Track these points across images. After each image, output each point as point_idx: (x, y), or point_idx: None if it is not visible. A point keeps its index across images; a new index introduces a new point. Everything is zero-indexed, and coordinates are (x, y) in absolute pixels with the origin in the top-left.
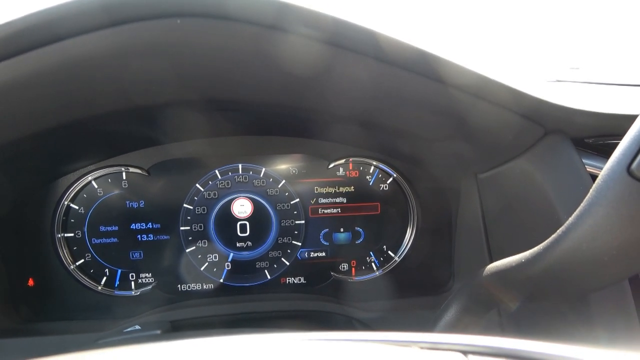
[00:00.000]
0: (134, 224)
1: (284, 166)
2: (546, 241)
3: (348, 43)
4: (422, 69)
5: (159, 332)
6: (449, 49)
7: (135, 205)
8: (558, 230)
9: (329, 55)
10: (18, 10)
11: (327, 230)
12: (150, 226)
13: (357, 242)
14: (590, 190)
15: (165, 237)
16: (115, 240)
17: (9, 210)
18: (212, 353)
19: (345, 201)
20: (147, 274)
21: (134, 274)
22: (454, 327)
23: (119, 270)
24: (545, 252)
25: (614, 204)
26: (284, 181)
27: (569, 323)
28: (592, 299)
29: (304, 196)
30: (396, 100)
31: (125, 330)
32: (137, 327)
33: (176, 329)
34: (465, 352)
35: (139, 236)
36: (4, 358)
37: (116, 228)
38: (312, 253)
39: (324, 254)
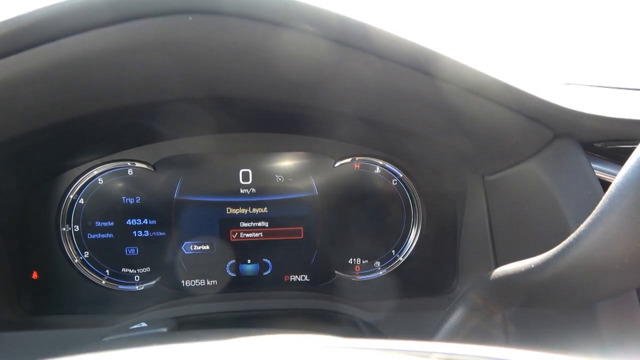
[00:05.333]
0: (135, 219)
1: (289, 163)
2: (556, 247)
3: (353, 40)
4: (428, 68)
5: (165, 330)
6: (457, 49)
7: (139, 200)
8: (569, 237)
9: (333, 52)
10: (25, 6)
11: (330, 228)
12: (154, 222)
13: (361, 241)
14: (603, 197)
15: (168, 233)
16: (111, 235)
17: (18, 209)
18: (230, 356)
19: (351, 199)
20: (151, 269)
21: (138, 269)
22: (458, 332)
23: (123, 265)
24: (555, 258)
25: (628, 212)
26: (290, 179)
27: (574, 331)
28: (599, 307)
29: (311, 193)
30: (402, 99)
31: (131, 328)
32: (144, 324)
33: (181, 327)
34: None
35: (138, 232)
36: (7, 351)
37: (111, 223)
38: (317, 249)
39: (328, 250)
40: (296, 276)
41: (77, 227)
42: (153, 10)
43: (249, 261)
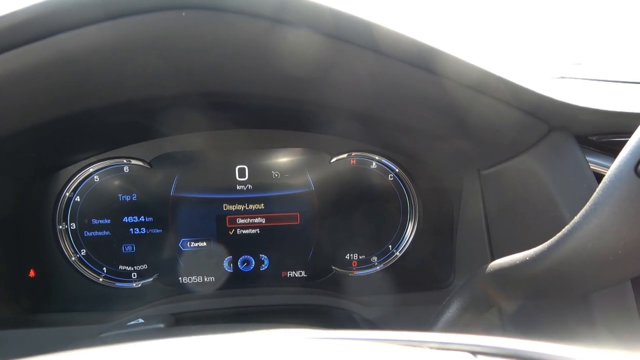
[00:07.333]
0: (132, 217)
1: (285, 159)
2: (551, 240)
3: (350, 36)
4: (424, 63)
5: (162, 325)
6: (451, 44)
7: (136, 197)
8: (563, 229)
9: (331, 48)
10: (18, 3)
11: (327, 224)
12: (150, 220)
13: (358, 236)
14: (597, 189)
15: (165, 230)
16: (108, 233)
17: (13, 207)
18: (220, 350)
19: (347, 195)
20: (148, 267)
21: (135, 266)
22: (455, 325)
23: (120, 262)
24: (549, 251)
25: (621, 203)
26: (286, 175)
27: (570, 322)
28: (593, 298)
29: (307, 189)
30: (398, 95)
31: (128, 324)
32: (141, 320)
33: (179, 323)
34: (474, 353)
35: (135, 229)
36: (5, 349)
37: (108, 221)
38: (314, 244)
39: (324, 246)
40: (293, 272)
41: (74, 225)
42: (146, 6)
43: (246, 257)
